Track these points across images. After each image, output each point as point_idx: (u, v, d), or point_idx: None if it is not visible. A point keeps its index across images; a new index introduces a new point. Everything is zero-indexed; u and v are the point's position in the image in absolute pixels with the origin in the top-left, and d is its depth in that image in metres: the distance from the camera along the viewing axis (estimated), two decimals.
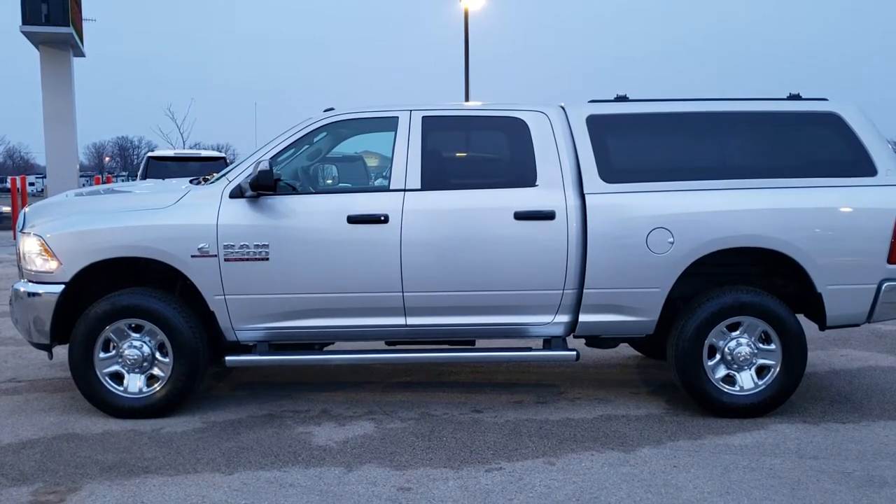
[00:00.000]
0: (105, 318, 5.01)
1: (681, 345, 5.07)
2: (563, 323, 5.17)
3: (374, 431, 4.88)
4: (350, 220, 5.02)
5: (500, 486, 4.05)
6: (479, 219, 5.06)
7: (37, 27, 20.05)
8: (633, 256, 5.02)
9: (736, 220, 5.02)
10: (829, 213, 5.06)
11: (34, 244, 5.08)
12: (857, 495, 3.93)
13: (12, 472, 4.24)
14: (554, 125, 5.22)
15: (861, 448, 4.58)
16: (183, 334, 5.00)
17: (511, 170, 5.28)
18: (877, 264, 5.07)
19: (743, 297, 5.06)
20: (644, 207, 5.03)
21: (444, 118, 5.31)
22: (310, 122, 5.31)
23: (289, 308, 5.06)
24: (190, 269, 5.00)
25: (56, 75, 21.34)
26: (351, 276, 5.02)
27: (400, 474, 4.20)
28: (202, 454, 4.50)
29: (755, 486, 4.03)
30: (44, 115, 21.42)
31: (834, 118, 5.24)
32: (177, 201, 5.14)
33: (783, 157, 5.23)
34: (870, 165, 5.14)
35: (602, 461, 4.39)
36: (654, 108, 5.32)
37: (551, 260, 5.03)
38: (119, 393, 5.08)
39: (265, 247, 4.99)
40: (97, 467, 4.30)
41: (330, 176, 5.41)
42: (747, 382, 5.11)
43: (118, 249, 5.02)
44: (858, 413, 5.24)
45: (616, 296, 5.08)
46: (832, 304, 5.09)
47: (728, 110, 5.31)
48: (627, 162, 5.21)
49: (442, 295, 5.06)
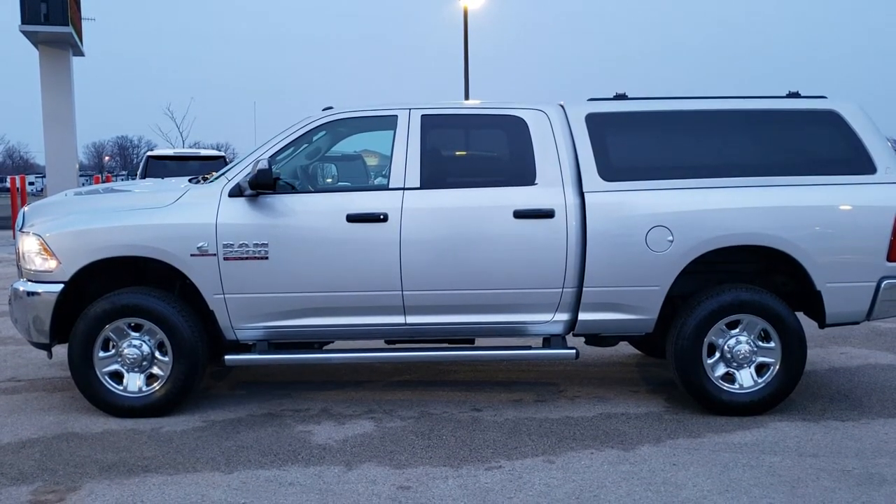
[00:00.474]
0: (104, 318, 5.01)
1: (680, 343, 5.07)
2: (562, 321, 5.17)
3: (374, 430, 4.88)
4: (349, 218, 5.02)
5: (500, 485, 4.05)
6: (479, 217, 5.05)
7: (36, 26, 20.02)
8: (633, 254, 5.02)
9: (735, 218, 5.02)
10: (828, 210, 5.06)
11: (33, 243, 5.07)
12: (857, 493, 3.93)
13: (12, 472, 4.24)
14: (553, 124, 5.22)
15: (860, 446, 4.58)
16: (182, 333, 5.00)
17: (510, 168, 5.28)
18: (876, 262, 5.07)
19: (742, 295, 5.06)
20: (643, 206, 5.03)
21: (444, 117, 5.31)
22: (309, 121, 5.31)
23: (288, 307, 5.06)
24: (189, 269, 5.00)
25: (55, 75, 21.31)
26: (350, 275, 5.02)
27: (399, 473, 4.21)
28: (202, 453, 4.50)
29: (754, 485, 4.03)
30: (43, 115, 21.40)
31: (833, 116, 5.24)
32: (176, 200, 5.14)
33: (782, 155, 5.23)
34: (869, 163, 5.14)
35: (602, 459, 4.39)
36: (653, 107, 5.32)
37: (551, 258, 5.03)
38: (118, 392, 5.08)
39: (264, 246, 4.99)
40: (97, 466, 4.30)
41: (329, 175, 5.41)
42: (747, 380, 5.11)
43: (117, 248, 5.02)
44: (858, 411, 5.24)
45: (615, 294, 5.07)
46: (831, 301, 5.09)
47: (727, 108, 5.31)
48: (627, 160, 5.21)
49: (441, 293, 5.06)
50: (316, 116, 5.33)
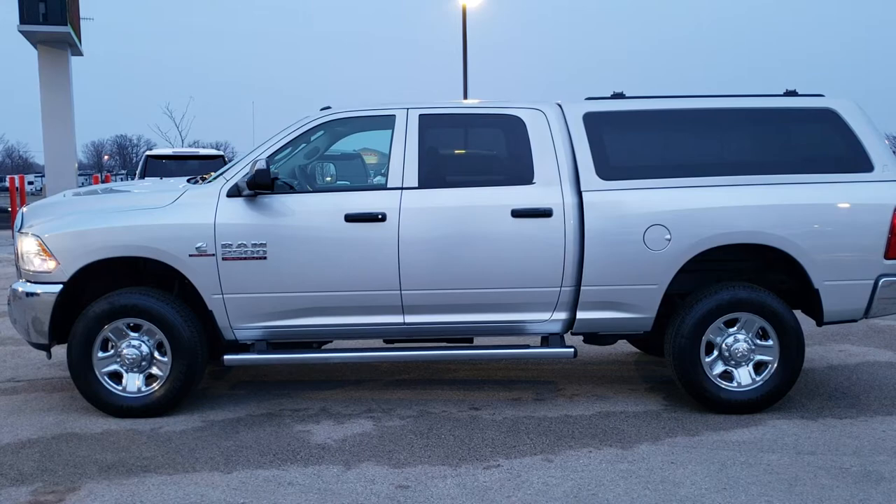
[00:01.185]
0: (103, 318, 5.01)
1: (678, 341, 5.08)
2: (560, 320, 5.18)
3: (373, 429, 4.89)
4: (347, 218, 5.02)
5: (499, 484, 4.06)
6: (477, 216, 5.06)
7: (35, 26, 20.04)
8: (631, 253, 5.03)
9: (733, 217, 5.03)
10: (825, 209, 5.07)
11: (32, 244, 5.08)
12: (855, 490, 3.94)
13: (11, 472, 4.24)
14: (551, 123, 5.22)
15: (858, 443, 4.59)
16: (181, 333, 5.01)
17: (508, 167, 5.29)
18: (874, 260, 5.07)
19: (740, 294, 5.06)
20: (641, 204, 5.04)
21: (441, 116, 5.31)
22: (307, 121, 5.31)
23: (287, 307, 5.07)
24: (188, 269, 5.01)
25: (54, 74, 21.33)
26: (348, 275, 5.03)
27: (398, 472, 4.21)
28: (201, 453, 4.51)
29: (753, 482, 4.04)
30: (42, 114, 21.42)
31: (830, 114, 5.25)
32: (174, 201, 5.14)
33: (780, 154, 5.24)
34: (866, 161, 5.15)
35: (600, 458, 4.40)
36: (651, 106, 5.33)
37: (549, 257, 5.03)
38: (118, 392, 5.08)
39: (263, 246, 5.00)
40: (96, 467, 4.31)
41: (327, 174, 5.41)
42: (745, 378, 5.12)
43: (116, 249, 5.02)
44: (856, 408, 5.25)
45: (613, 293, 5.08)
46: (829, 299, 5.10)
47: (724, 107, 5.31)
48: (624, 159, 5.22)
49: (440, 293, 5.07)
50: (314, 116, 5.34)
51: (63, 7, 20.07)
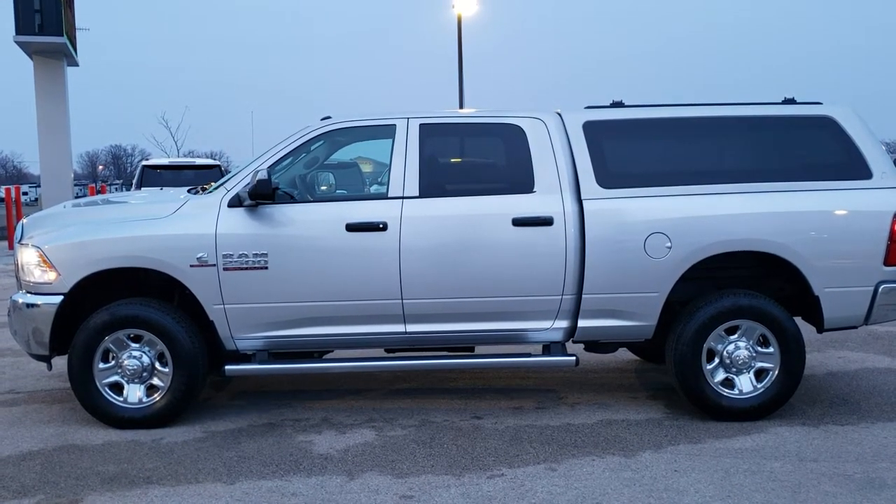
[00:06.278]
0: (104, 329, 5.00)
1: (679, 349, 5.09)
2: (562, 328, 5.18)
3: (375, 439, 4.88)
4: (348, 227, 5.03)
5: (503, 493, 4.05)
6: (478, 225, 5.07)
7: (30, 37, 20.00)
8: (631, 261, 5.03)
9: (733, 224, 5.04)
10: (825, 216, 5.09)
11: (32, 255, 5.07)
12: (858, 497, 3.94)
13: (13, 485, 4.22)
14: (551, 131, 5.24)
15: (860, 450, 4.60)
16: (182, 344, 5.00)
17: (509, 176, 5.29)
18: (873, 266, 5.09)
19: (741, 301, 5.07)
20: (641, 212, 5.05)
21: (442, 125, 5.32)
22: (307, 131, 5.32)
23: (288, 316, 5.06)
24: (189, 279, 5.00)
25: (50, 84, 21.28)
26: (350, 284, 5.03)
27: (401, 482, 4.20)
28: (203, 464, 4.50)
29: (756, 490, 4.04)
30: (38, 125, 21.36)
31: (828, 122, 5.27)
32: (175, 211, 5.14)
33: (779, 161, 5.26)
34: (865, 168, 5.17)
35: (603, 466, 4.39)
36: (650, 114, 5.34)
37: (550, 266, 5.04)
38: (119, 403, 5.07)
39: (264, 255, 4.99)
40: (98, 478, 4.29)
41: (328, 184, 5.42)
42: (746, 386, 5.12)
43: (116, 260, 5.01)
44: (857, 415, 5.26)
45: (614, 301, 5.09)
46: (829, 306, 5.12)
47: (724, 115, 5.34)
48: (624, 167, 5.23)
49: (441, 302, 5.07)
50: (314, 126, 5.35)
51: (59, 18, 20.03)
